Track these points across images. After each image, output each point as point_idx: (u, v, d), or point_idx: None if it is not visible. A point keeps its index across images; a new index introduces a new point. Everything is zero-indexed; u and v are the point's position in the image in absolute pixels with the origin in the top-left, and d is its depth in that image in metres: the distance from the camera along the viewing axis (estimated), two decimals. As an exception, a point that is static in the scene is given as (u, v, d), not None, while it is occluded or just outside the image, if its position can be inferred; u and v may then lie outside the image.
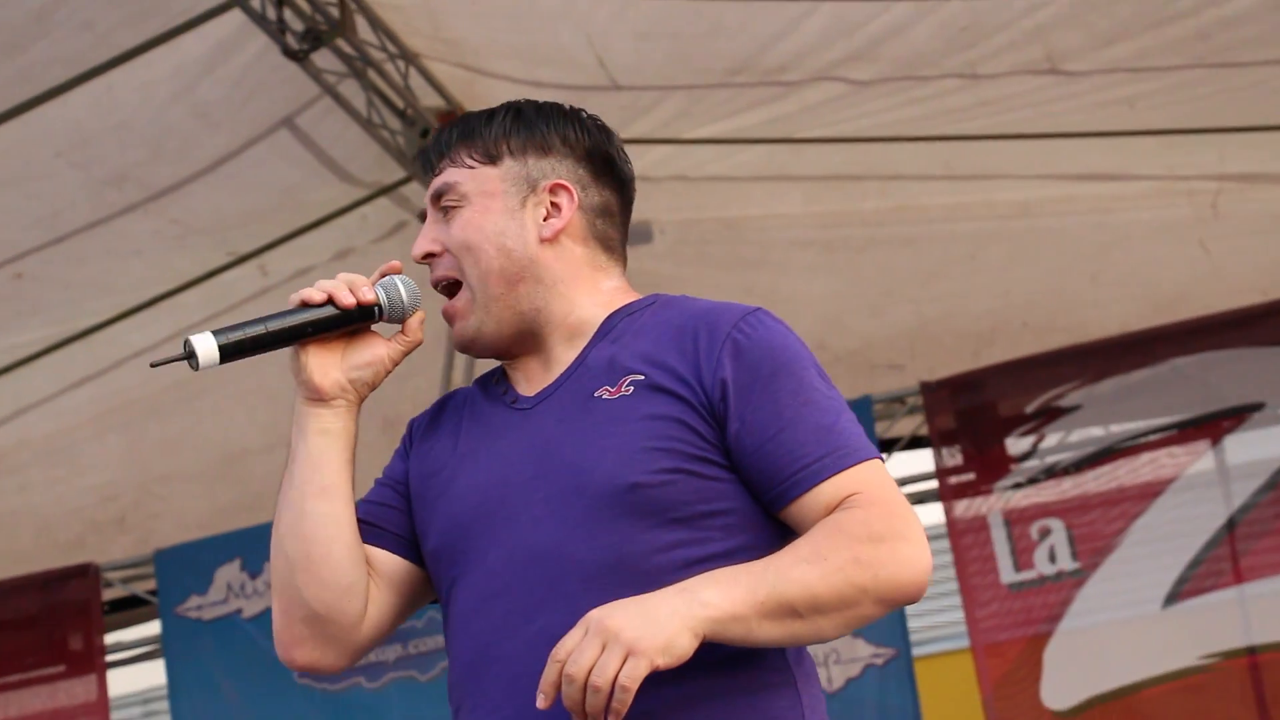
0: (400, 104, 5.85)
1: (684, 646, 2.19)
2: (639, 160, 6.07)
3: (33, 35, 5.11)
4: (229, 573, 6.70)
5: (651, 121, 5.93)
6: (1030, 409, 6.23)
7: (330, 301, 2.44)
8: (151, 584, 6.87)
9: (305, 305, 2.44)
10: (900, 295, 6.39)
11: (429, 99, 5.92)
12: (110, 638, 6.97)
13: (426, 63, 5.85)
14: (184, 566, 6.76)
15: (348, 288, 2.45)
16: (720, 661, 2.29)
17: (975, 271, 6.29)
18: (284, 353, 2.47)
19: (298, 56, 5.41)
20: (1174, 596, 6.10)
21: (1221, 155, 5.95)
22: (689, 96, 5.79)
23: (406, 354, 2.51)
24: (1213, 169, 6.01)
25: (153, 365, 2.47)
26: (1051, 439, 6.22)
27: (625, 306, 2.50)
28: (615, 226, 2.55)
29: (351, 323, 2.47)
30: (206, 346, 2.37)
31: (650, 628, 2.18)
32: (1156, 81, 5.54)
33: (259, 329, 2.40)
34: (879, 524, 2.27)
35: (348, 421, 2.47)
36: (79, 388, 6.56)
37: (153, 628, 7.02)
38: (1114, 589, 6.14)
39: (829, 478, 2.31)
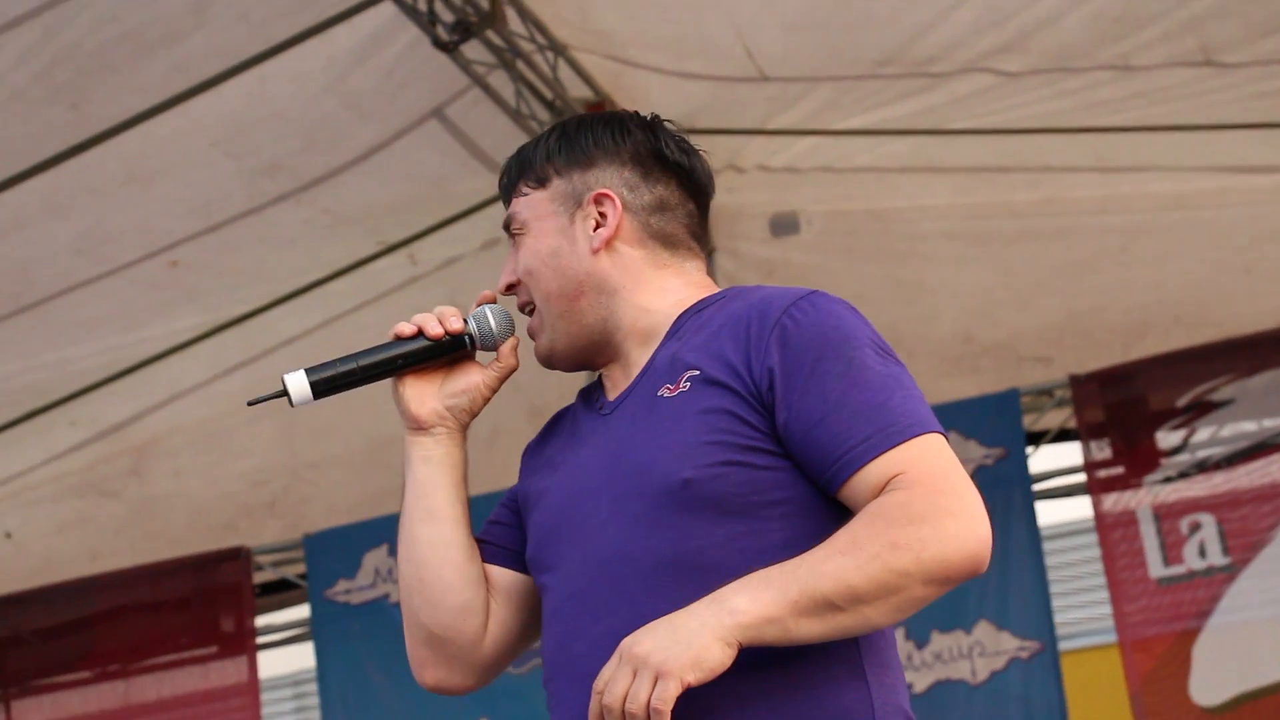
0: (549, 95, 5.84)
1: (715, 659, 2.17)
2: (786, 151, 6.14)
3: (189, 27, 5.15)
4: (377, 558, 6.74)
5: (799, 113, 5.90)
6: (1181, 403, 6.15)
7: (421, 333, 2.49)
8: (301, 568, 6.91)
9: (399, 339, 2.49)
10: (1050, 288, 6.31)
11: (577, 90, 5.92)
12: (261, 620, 7.02)
13: (575, 54, 5.85)
14: (333, 551, 6.80)
15: (437, 319, 2.50)
16: (780, 656, 2.26)
17: (1126, 264, 6.20)
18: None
19: (448, 48, 5.41)
20: (1329, 592, 6.01)
21: (1380, 146, 5.86)
22: (837, 88, 5.75)
23: (502, 380, 2.55)
24: (1371, 160, 5.92)
25: (250, 404, 2.57)
26: (1203, 433, 6.14)
27: (697, 303, 2.49)
28: (677, 220, 2.54)
29: (443, 353, 2.51)
30: (299, 385, 2.45)
31: (677, 647, 2.17)
32: (1314, 73, 5.46)
33: (351, 365, 2.48)
34: (920, 504, 2.23)
35: (450, 448, 2.53)
36: (232, 374, 6.61)
37: (302, 611, 7.07)
38: (1266, 585, 6.05)
39: (875, 458, 2.27)
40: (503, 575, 2.54)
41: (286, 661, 7.51)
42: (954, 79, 5.60)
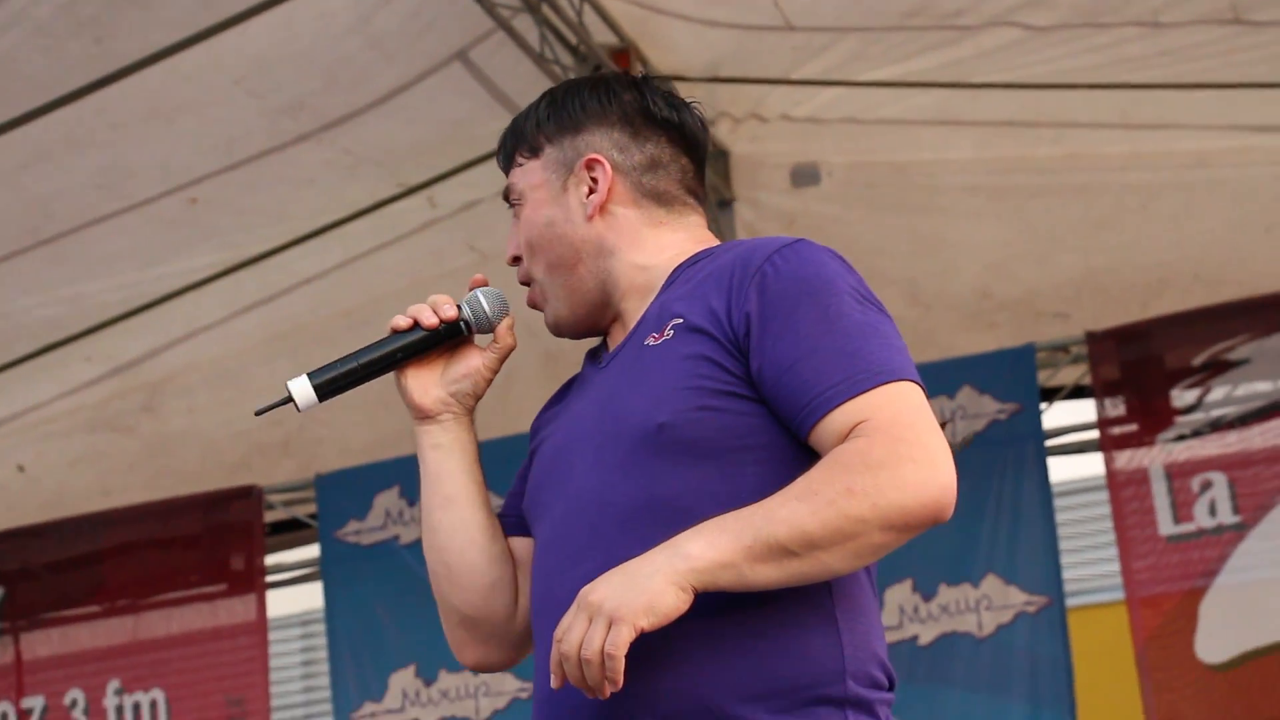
0: (573, 40, 5.78)
1: (669, 604, 2.18)
2: (810, 102, 6.09)
3: (215, -38, 5.12)
4: (388, 499, 6.73)
5: (824, 63, 5.85)
6: (1197, 361, 6.13)
7: (417, 325, 2.51)
8: (312, 508, 6.90)
9: (396, 332, 2.52)
10: (1069, 244, 6.28)
11: (602, 36, 5.86)
12: (271, 559, 7.00)
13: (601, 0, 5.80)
14: (344, 491, 6.78)
15: (431, 309, 2.51)
16: (750, 601, 2.27)
17: (1147, 221, 6.18)
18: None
19: (473, -10, 5.38)
20: (1337, 554, 5.98)
21: None
22: (863, 39, 5.71)
23: (503, 360, 2.57)
24: (1399, 124, 5.89)
25: (257, 413, 2.64)
26: (1218, 392, 6.13)
27: (692, 256, 2.50)
28: (671, 176, 2.55)
29: (441, 342, 2.53)
30: (303, 390, 2.52)
31: (630, 593, 2.19)
32: (1343, 33, 5.43)
33: (352, 364, 2.51)
34: (880, 450, 2.22)
35: (459, 433, 2.56)
36: (249, 313, 6.58)
37: (312, 551, 7.06)
38: (1274, 545, 6.05)
39: (841, 404, 2.26)
40: (523, 545, 2.56)
41: (295, 601, 7.51)
42: (981, 32, 5.57)
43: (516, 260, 2.56)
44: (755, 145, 6.37)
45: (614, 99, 2.56)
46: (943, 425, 5.93)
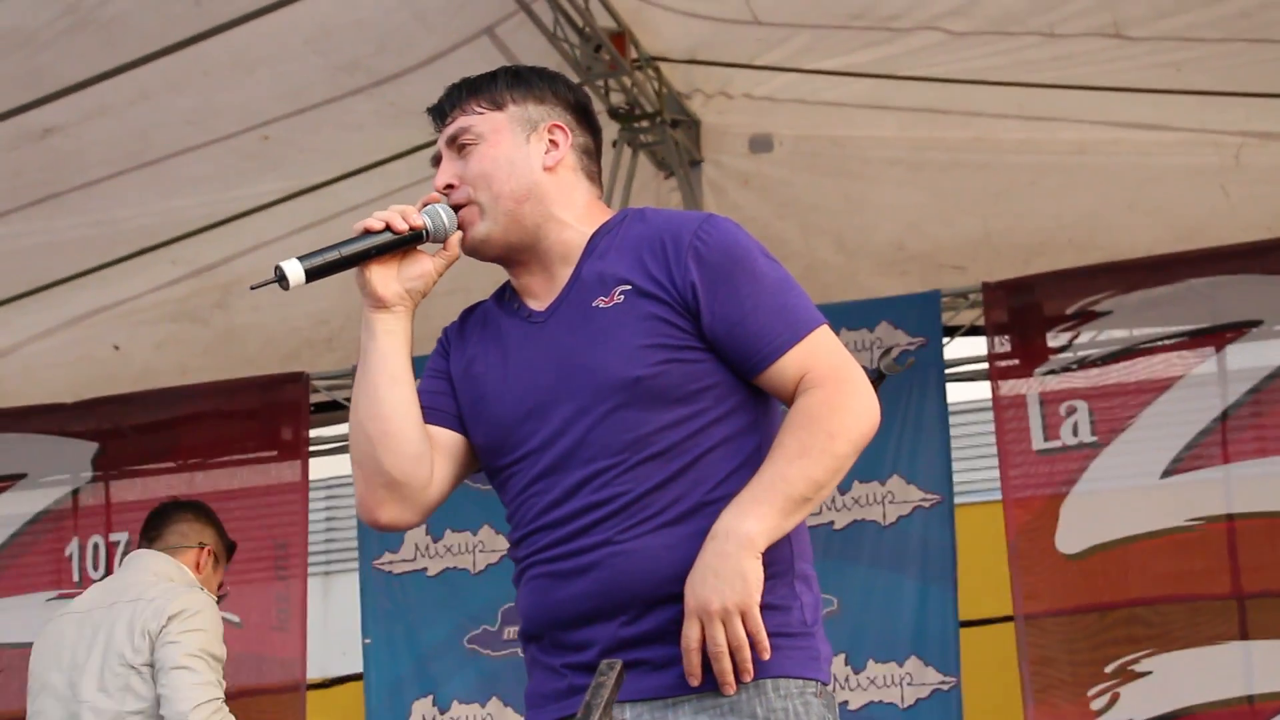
0: (580, 23, 5.82)
1: (758, 573, 2.29)
2: (769, 83, 6.15)
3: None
4: (413, 389, 6.74)
5: (783, 52, 5.90)
6: (1070, 311, 6.17)
7: (388, 228, 2.48)
8: (349, 393, 6.88)
9: (368, 232, 2.47)
10: (971, 210, 6.32)
11: (603, 20, 5.89)
12: (313, 432, 7.04)
13: (604, -12, 5.83)
14: (378, 381, 6.79)
15: (400, 215, 2.49)
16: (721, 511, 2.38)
17: (1034, 195, 6.22)
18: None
19: (503, -23, 5.40)
20: (1170, 470, 6.05)
21: (1248, 115, 5.84)
22: (815, 34, 5.75)
23: (448, 267, 2.55)
24: (1239, 126, 5.90)
25: (252, 288, 2.57)
26: (1085, 336, 6.17)
27: (604, 225, 2.53)
28: (593, 164, 2.61)
29: (406, 244, 2.50)
30: (294, 270, 2.45)
31: (736, 583, 2.27)
32: (1201, 50, 5.44)
33: (335, 254, 2.48)
34: (835, 396, 2.37)
35: (406, 324, 2.53)
36: (304, 232, 6.56)
37: (347, 428, 7.06)
38: (1122, 461, 6.10)
39: (788, 350, 2.40)
40: (444, 435, 2.55)
41: (332, 467, 7.55)
42: (910, 34, 5.60)
43: (449, 189, 2.54)
44: (721, 117, 6.39)
45: (570, 91, 2.61)
46: (863, 353, 5.99)
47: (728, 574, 2.27)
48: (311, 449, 6.98)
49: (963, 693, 6.00)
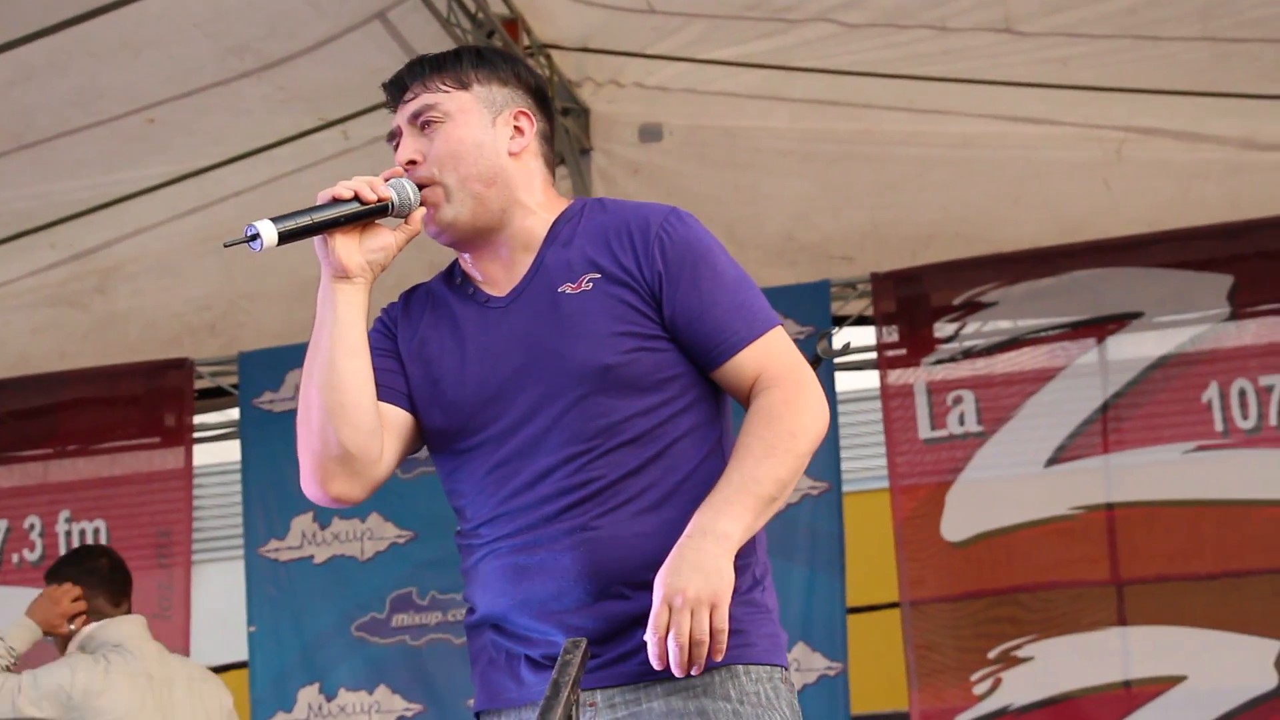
0: (473, 9, 5.78)
1: (731, 574, 2.30)
2: (661, 72, 6.15)
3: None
4: (298, 377, 6.45)
5: (676, 41, 5.90)
6: (957, 301, 6.23)
7: (356, 197, 2.44)
8: (234, 379, 6.84)
9: (337, 200, 2.42)
10: (859, 201, 6.35)
11: (497, 7, 5.86)
12: (197, 419, 6.95)
13: (498, -24, 5.80)
14: (262, 367, 6.73)
15: (368, 186, 2.45)
16: (698, 507, 2.39)
17: (922, 188, 6.26)
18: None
19: (396, -39, 5.35)
20: (1053, 460, 6.14)
21: (1129, 111, 5.94)
22: (709, 24, 5.76)
23: (409, 241, 2.51)
24: (1121, 121, 5.99)
25: (226, 245, 2.51)
26: (971, 327, 6.23)
27: (564, 213, 2.53)
28: (551, 151, 2.60)
29: (371, 216, 2.46)
30: (269, 231, 2.40)
31: (712, 580, 2.28)
32: (1088, 46, 5.53)
33: (306, 220, 2.43)
34: (792, 397, 2.40)
35: (365, 297, 2.48)
36: (188, 216, 6.51)
37: (232, 414, 7.02)
38: (1007, 450, 6.17)
39: (745, 347, 2.44)
40: (394, 413, 2.52)
41: (215, 455, 7.46)
42: (804, 25, 5.63)
43: (412, 164, 2.50)
44: (612, 106, 6.37)
45: (532, 76, 2.59)
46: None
47: (704, 567, 2.27)
48: (196, 436, 6.89)
49: (849, 678, 6.06)
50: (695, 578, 2.27)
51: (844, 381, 6.54)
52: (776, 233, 6.45)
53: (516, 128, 2.53)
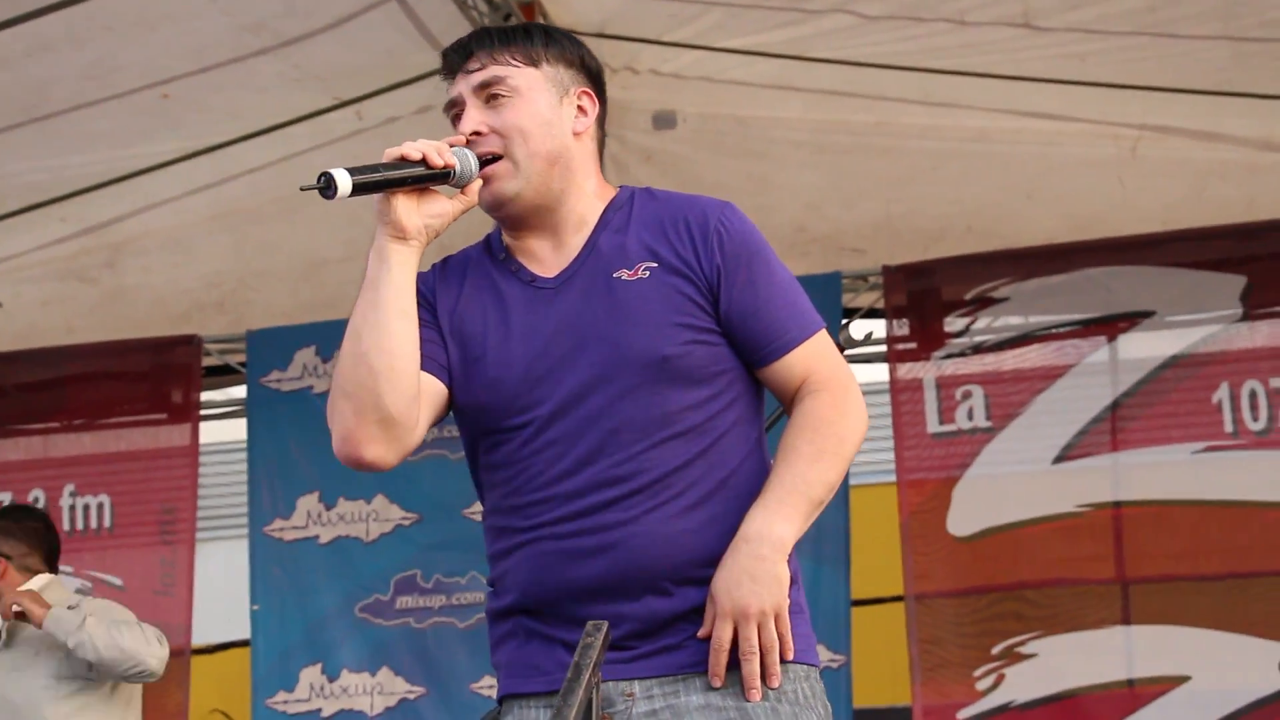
0: (492, -9, 5.78)
1: (786, 576, 2.36)
2: (676, 60, 6.13)
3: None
4: (306, 355, 6.69)
5: (692, 29, 5.87)
6: (968, 296, 6.24)
7: (423, 160, 2.41)
8: (242, 357, 6.85)
9: (406, 160, 2.39)
10: (873, 194, 6.34)
11: (516, -10, 5.86)
12: (204, 396, 6.96)
13: (517, -42, 5.78)
14: (270, 346, 6.74)
15: (436, 151, 2.42)
16: (731, 506, 2.44)
17: (936, 181, 6.25)
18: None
19: (414, -59, 5.34)
20: (1061, 457, 6.15)
21: (1146, 109, 5.92)
22: (727, 12, 5.73)
23: (464, 212, 2.49)
24: (1137, 119, 5.98)
25: (302, 189, 2.44)
26: (982, 322, 6.24)
27: (615, 200, 2.52)
28: (603, 136, 2.60)
29: (434, 181, 2.44)
30: (344, 180, 2.36)
31: (771, 587, 2.33)
32: (1106, 43, 5.51)
33: (379, 175, 2.39)
34: (840, 401, 2.43)
35: (417, 261, 2.45)
36: (201, 193, 6.50)
37: (239, 392, 7.02)
38: (1015, 446, 6.18)
39: (796, 347, 2.46)
40: (433, 383, 2.50)
41: (222, 432, 7.47)
42: (822, 16, 5.60)
43: (477, 135, 2.48)
44: (626, 92, 6.32)
45: (594, 60, 2.59)
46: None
47: (764, 578, 2.31)
48: (203, 413, 6.90)
49: (852, 670, 6.07)
50: (759, 590, 2.31)
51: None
52: (788, 223, 6.43)
53: (580, 108, 2.53)
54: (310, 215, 6.65)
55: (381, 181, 2.40)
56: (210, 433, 7.08)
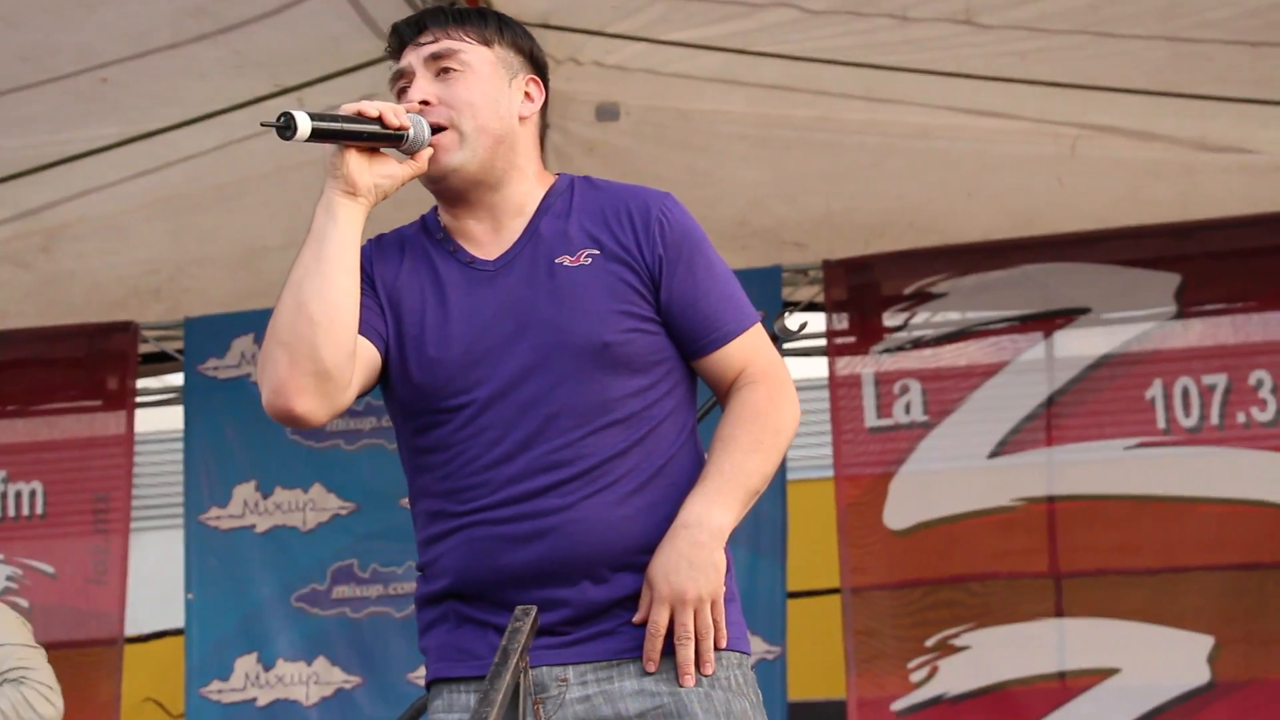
0: (434, -21, 5.74)
1: (724, 563, 2.40)
2: (620, 52, 6.11)
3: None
4: (243, 344, 6.65)
5: (637, 21, 5.85)
6: (907, 291, 6.27)
7: (379, 119, 2.41)
8: (179, 344, 6.80)
9: (362, 116, 2.40)
10: (813, 188, 6.36)
11: (459, -21, 5.82)
12: (141, 383, 6.90)
13: (460, -52, 5.76)
14: (207, 333, 6.70)
15: (393, 112, 2.42)
16: (668, 493, 2.48)
17: (876, 177, 6.27)
18: (311, 169, 2.45)
19: (359, -70, 5.30)
20: (997, 452, 6.19)
21: (1085, 107, 5.96)
22: (671, 5, 5.71)
23: (412, 178, 2.49)
24: (1076, 118, 6.02)
25: (262, 125, 2.44)
26: (920, 317, 6.27)
27: (554, 186, 2.54)
28: (545, 127, 2.64)
29: (388, 141, 2.44)
30: (304, 123, 2.36)
31: (710, 573, 2.36)
32: (1047, 41, 5.52)
33: (338, 125, 2.39)
34: (775, 393, 2.48)
35: (363, 220, 2.45)
36: (138, 179, 6.42)
37: (176, 379, 6.97)
38: (951, 441, 6.22)
39: (735, 338, 2.50)
40: (368, 348, 2.49)
41: (158, 421, 7.41)
42: (766, 10, 5.58)
43: (425, 105, 2.49)
44: (569, 84, 6.30)
45: (541, 53, 2.62)
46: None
47: (702, 564, 2.33)
48: (139, 400, 6.84)
49: (788, 662, 6.09)
50: (696, 575, 2.33)
51: (791, 370, 6.52)
52: (730, 217, 6.43)
53: (526, 94, 2.56)
54: (249, 203, 6.60)
55: (339, 131, 2.40)
56: (147, 421, 7.02)
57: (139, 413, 6.78)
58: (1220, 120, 5.88)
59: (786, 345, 6.33)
